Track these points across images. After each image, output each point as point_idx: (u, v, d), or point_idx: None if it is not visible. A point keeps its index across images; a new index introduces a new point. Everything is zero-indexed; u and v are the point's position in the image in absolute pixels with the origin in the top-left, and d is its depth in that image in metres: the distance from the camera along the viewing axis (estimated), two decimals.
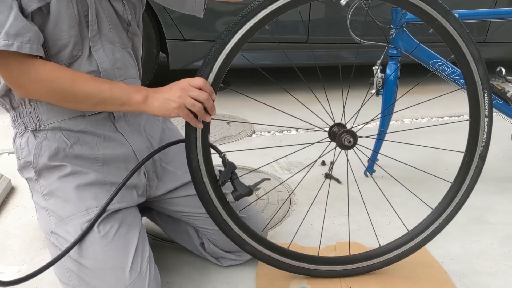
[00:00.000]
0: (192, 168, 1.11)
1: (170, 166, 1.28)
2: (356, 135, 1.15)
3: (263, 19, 1.03)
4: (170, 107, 1.03)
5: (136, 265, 1.06)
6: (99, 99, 1.04)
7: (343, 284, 1.24)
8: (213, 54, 1.04)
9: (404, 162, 1.49)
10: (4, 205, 1.69)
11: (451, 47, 1.11)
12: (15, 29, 0.95)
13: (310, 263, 1.23)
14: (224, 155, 1.16)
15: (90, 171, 1.12)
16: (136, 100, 1.05)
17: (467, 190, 1.22)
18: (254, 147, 2.26)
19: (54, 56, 1.06)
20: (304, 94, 1.41)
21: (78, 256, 1.05)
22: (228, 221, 1.16)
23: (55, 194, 1.11)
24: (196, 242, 1.35)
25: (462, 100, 1.83)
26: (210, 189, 1.13)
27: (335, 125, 1.18)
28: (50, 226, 1.10)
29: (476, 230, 1.53)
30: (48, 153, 1.10)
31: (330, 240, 1.46)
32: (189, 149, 1.10)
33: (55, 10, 1.02)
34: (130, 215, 1.14)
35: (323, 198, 1.71)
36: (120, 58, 1.16)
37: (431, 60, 1.73)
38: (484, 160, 1.20)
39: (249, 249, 1.19)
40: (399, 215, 1.36)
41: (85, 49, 1.09)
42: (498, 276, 1.31)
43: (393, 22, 1.71)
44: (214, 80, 1.06)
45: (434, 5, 1.07)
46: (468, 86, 1.14)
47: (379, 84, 1.75)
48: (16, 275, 1.29)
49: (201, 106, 1.04)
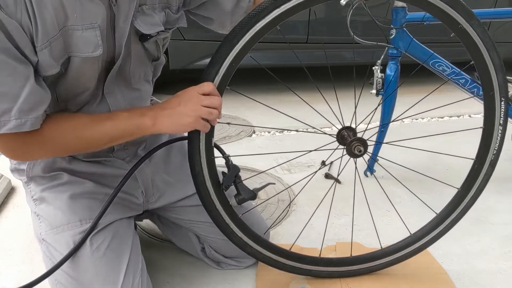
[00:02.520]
0: (195, 172, 1.07)
1: (173, 176, 1.24)
2: (366, 143, 1.10)
3: (275, 19, 0.97)
4: (185, 122, 0.96)
5: (128, 280, 1.02)
6: (107, 141, 0.97)
7: (343, 284, 1.24)
8: (220, 55, 0.98)
9: (406, 167, 1.48)
10: (4, 205, 1.69)
11: (472, 53, 1.07)
12: (29, 104, 0.84)
13: (311, 265, 1.23)
14: (228, 156, 1.11)
15: (86, 181, 1.09)
16: (145, 126, 0.96)
17: (474, 196, 1.20)
18: (254, 147, 2.26)
19: (62, 103, 0.99)
20: (304, 94, 1.41)
21: (68, 270, 1.02)
22: (231, 225, 1.14)
23: (46, 201, 1.08)
24: (197, 247, 1.34)
25: (463, 100, 1.83)
26: (212, 193, 1.10)
27: (344, 129, 1.13)
28: (41, 233, 1.07)
29: (476, 230, 1.53)
30: (44, 164, 1.08)
31: (330, 241, 1.46)
32: (192, 152, 1.05)
33: (78, 69, 0.93)
34: (123, 225, 1.11)
35: (324, 199, 1.71)
36: (135, 97, 1.09)
37: (431, 60, 1.73)
38: (494, 168, 1.18)
39: (251, 251, 1.18)
40: (399, 216, 1.36)
41: (99, 93, 1.02)
42: (498, 276, 1.30)
43: (393, 22, 1.71)
44: (220, 82, 1.00)
45: (459, 8, 1.02)
46: (485, 93, 1.10)
47: (379, 84, 1.74)
48: (16, 275, 1.29)
49: (217, 112, 0.98)
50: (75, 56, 0.91)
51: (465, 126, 1.53)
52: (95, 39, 0.91)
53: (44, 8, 0.82)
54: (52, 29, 0.85)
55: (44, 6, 0.82)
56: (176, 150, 1.29)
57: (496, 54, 1.07)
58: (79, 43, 0.90)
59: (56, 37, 0.86)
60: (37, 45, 0.85)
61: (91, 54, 0.92)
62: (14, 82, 0.82)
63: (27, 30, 0.82)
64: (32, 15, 0.81)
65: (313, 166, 2.04)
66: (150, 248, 1.43)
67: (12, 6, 0.79)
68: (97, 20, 0.90)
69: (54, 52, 0.88)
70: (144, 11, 1.00)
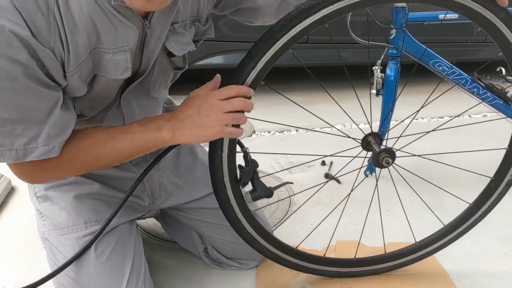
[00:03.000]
0: (214, 167, 1.02)
1: (182, 179, 1.22)
2: (395, 155, 1.07)
3: (325, 17, 0.90)
4: (208, 133, 0.90)
5: (131, 286, 1.01)
6: (126, 156, 0.93)
7: (343, 284, 1.24)
8: (260, 49, 0.91)
9: (408, 170, 1.49)
10: (4, 205, 1.69)
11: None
12: (57, 129, 0.82)
13: (315, 264, 1.22)
14: (247, 149, 1.04)
15: (93, 182, 1.08)
16: (163, 140, 0.91)
17: (485, 213, 1.20)
18: (254, 147, 2.26)
19: (77, 110, 0.93)
20: (305, 94, 1.41)
21: (72, 273, 1.01)
22: (242, 220, 1.11)
23: (50, 199, 1.07)
24: (200, 247, 1.33)
25: (462, 100, 1.83)
26: (229, 187, 1.05)
27: (370, 135, 1.08)
28: (44, 232, 1.06)
29: (476, 230, 1.52)
30: None
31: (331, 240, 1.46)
32: (215, 147, 1.00)
33: (101, 87, 0.90)
34: (126, 229, 1.10)
35: (323, 198, 1.71)
36: (152, 106, 1.06)
37: (431, 60, 1.73)
38: (509, 187, 1.17)
39: (258, 247, 1.17)
40: (399, 216, 1.36)
41: (116, 102, 0.98)
42: (498, 276, 1.31)
43: (393, 22, 1.71)
44: (255, 77, 0.94)
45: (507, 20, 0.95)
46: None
47: (379, 84, 1.75)
48: (16, 275, 1.29)
49: (242, 115, 0.92)
50: (102, 76, 0.88)
51: (465, 126, 1.54)
52: (125, 62, 0.87)
53: (77, 33, 0.79)
54: (83, 53, 0.82)
55: (77, 31, 0.78)
56: (186, 151, 1.27)
57: None
58: (108, 66, 0.86)
59: (86, 60, 0.83)
60: (68, 71, 0.81)
61: (119, 76, 0.88)
62: (43, 108, 0.79)
63: (59, 57, 0.79)
64: (65, 42, 0.78)
65: (313, 166, 2.04)
66: (151, 248, 1.43)
67: (45, 34, 0.75)
68: (129, 44, 0.86)
69: (83, 74, 0.85)
70: (175, 30, 0.95)
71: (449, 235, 1.23)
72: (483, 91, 1.73)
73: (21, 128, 0.79)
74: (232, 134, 0.94)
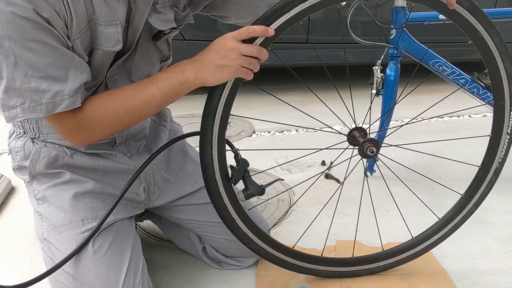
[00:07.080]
0: (205, 165, 1.05)
1: (173, 175, 1.25)
2: (379, 144, 1.11)
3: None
4: (226, 73, 0.96)
5: (129, 281, 1.02)
6: (157, 105, 0.98)
7: (343, 284, 1.24)
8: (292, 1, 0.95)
9: (407, 166, 1.49)
10: (4, 205, 1.69)
11: (487, 61, 1.08)
12: (77, 82, 0.90)
13: (313, 264, 1.22)
14: (237, 150, 1.11)
15: (89, 180, 1.10)
16: (189, 81, 0.96)
17: (477, 203, 1.21)
18: (254, 147, 2.26)
19: None
20: (302, 95, 1.41)
21: (69, 269, 1.02)
22: (236, 219, 1.13)
23: (48, 200, 1.08)
24: (198, 247, 1.34)
25: (462, 100, 1.83)
26: (221, 186, 1.08)
27: (355, 129, 1.13)
28: (43, 232, 1.08)
29: (476, 230, 1.53)
30: (47, 160, 1.08)
31: (330, 240, 1.45)
32: (204, 144, 1.04)
33: (98, 60, 0.98)
34: (124, 225, 1.11)
35: (323, 198, 1.71)
36: None
37: (431, 60, 1.73)
38: (498, 176, 1.19)
39: (254, 247, 1.17)
40: (399, 216, 1.36)
41: (102, 79, 1.04)
42: (498, 276, 1.31)
43: (393, 22, 1.71)
44: (277, 29, 0.96)
45: (479, 17, 1.03)
46: (496, 102, 1.12)
47: (379, 84, 1.75)
48: (16, 275, 1.30)
49: (257, 61, 0.97)
50: (97, 49, 0.96)
51: (465, 126, 1.54)
52: (116, 35, 0.96)
53: (77, 2, 0.89)
54: (83, 21, 0.91)
55: (77, 0, 0.88)
56: (177, 149, 1.29)
57: (510, 65, 1.08)
58: (101, 37, 0.95)
59: (85, 29, 0.92)
60: (71, 36, 0.90)
61: (112, 48, 0.97)
62: (61, 64, 0.88)
63: (63, 20, 0.88)
64: (67, 7, 0.87)
65: (313, 166, 2.04)
66: (150, 248, 1.43)
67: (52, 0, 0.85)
68: (119, 18, 0.95)
69: (84, 44, 0.94)
70: (157, 9, 1.05)
71: (445, 228, 1.23)
72: (483, 91, 1.73)
73: (46, 84, 0.88)
74: (248, 75, 0.99)
